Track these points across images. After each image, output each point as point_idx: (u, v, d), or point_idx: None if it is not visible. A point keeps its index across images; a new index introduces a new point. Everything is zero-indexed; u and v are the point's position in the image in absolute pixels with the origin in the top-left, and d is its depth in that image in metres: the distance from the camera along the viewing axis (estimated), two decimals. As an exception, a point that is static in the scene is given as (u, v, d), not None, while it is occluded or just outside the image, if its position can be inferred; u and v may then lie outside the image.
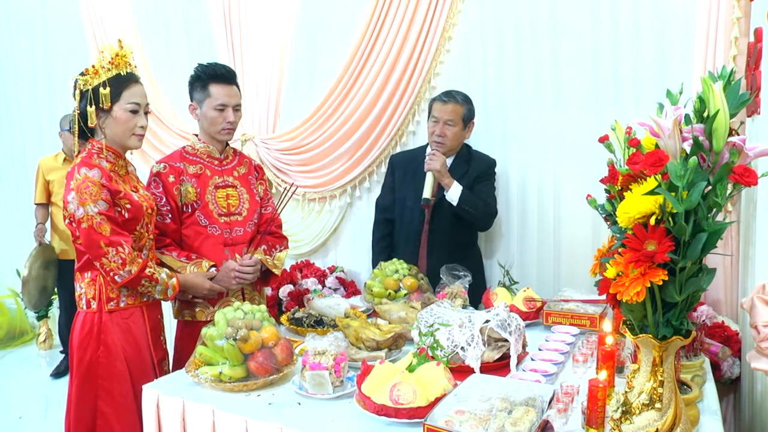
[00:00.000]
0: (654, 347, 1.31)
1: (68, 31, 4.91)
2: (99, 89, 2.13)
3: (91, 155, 2.19)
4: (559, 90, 3.13)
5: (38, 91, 5.28)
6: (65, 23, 4.94)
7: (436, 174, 2.91)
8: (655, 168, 1.23)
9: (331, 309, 2.57)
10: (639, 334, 1.33)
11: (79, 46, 4.78)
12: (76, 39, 4.80)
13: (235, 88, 2.55)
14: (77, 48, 4.80)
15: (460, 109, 3.00)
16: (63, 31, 4.98)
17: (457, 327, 2.01)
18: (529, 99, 3.21)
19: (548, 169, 3.21)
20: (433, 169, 2.90)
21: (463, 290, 2.56)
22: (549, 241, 3.23)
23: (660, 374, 1.31)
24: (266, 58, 3.94)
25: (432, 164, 2.91)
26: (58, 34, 5.04)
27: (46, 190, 4.48)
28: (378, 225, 3.31)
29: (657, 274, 1.21)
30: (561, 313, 2.40)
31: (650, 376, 1.32)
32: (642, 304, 1.29)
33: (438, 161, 2.90)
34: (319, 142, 3.77)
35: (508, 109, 3.27)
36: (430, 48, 3.39)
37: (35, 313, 5.06)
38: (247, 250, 2.56)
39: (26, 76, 5.34)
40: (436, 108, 3.01)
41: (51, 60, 5.14)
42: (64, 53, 4.99)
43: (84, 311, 2.22)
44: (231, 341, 1.88)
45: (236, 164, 2.65)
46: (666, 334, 1.30)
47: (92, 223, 2.09)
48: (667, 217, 1.24)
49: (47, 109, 5.15)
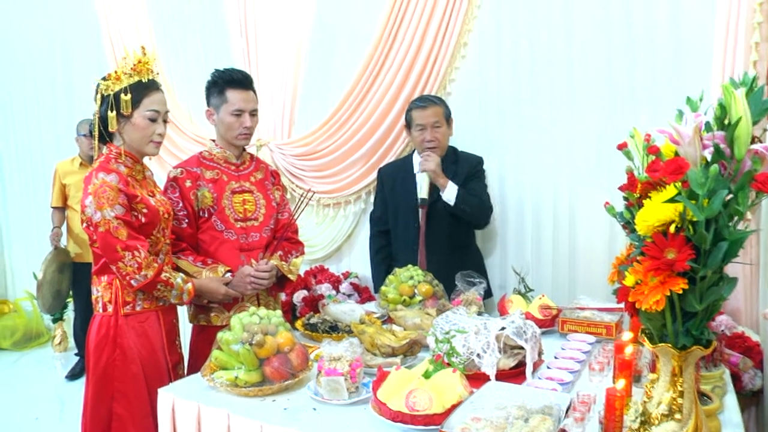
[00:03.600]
0: (673, 357, 1.30)
1: (85, 37, 4.97)
2: (120, 95, 2.15)
3: (109, 160, 2.21)
4: (575, 96, 3.12)
5: (57, 96, 5.34)
6: (83, 29, 4.99)
7: (431, 174, 2.91)
8: (675, 176, 1.22)
9: (345, 315, 2.57)
10: (658, 343, 1.32)
11: (96, 52, 4.83)
12: (94, 45, 4.85)
13: (251, 94, 2.56)
14: (94, 55, 4.85)
15: (440, 109, 3.03)
16: (80, 36, 5.04)
17: (473, 334, 2.00)
18: (545, 105, 3.20)
19: (564, 175, 3.19)
20: (428, 169, 2.90)
21: (478, 297, 2.55)
22: (564, 248, 3.21)
23: (680, 384, 1.30)
24: (281, 63, 3.96)
25: (427, 164, 2.90)
26: (75, 39, 5.10)
27: (62, 194, 4.53)
28: (374, 238, 3.32)
29: (677, 282, 1.20)
30: (577, 320, 2.38)
31: (670, 386, 1.31)
32: (661, 312, 1.28)
33: (433, 161, 2.91)
34: (334, 147, 3.77)
35: (523, 114, 3.26)
36: (446, 54, 3.39)
37: (51, 316, 5.10)
38: (263, 256, 2.57)
39: (45, 81, 5.40)
40: (417, 116, 3.02)
41: (69, 65, 5.20)
42: (81, 59, 5.05)
43: (100, 314, 2.23)
44: (246, 346, 1.89)
45: (253, 170, 2.66)
46: (686, 344, 1.29)
47: (109, 228, 2.11)
48: (687, 225, 1.23)
49: (65, 113, 5.20)
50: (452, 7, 3.34)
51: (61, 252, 4.49)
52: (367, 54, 3.57)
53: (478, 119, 3.36)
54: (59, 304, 4.67)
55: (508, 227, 3.38)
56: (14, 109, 5.71)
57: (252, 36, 4.03)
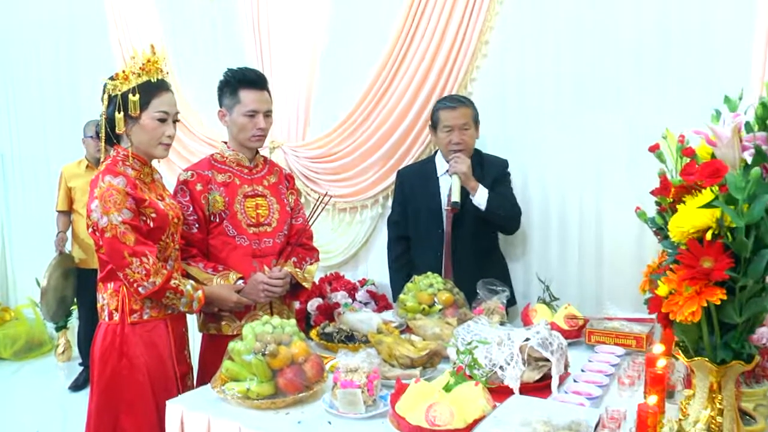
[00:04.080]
0: (711, 372, 1.28)
1: (93, 35, 5.01)
2: (128, 96, 2.16)
3: (116, 162, 2.21)
4: (602, 95, 3.09)
5: (62, 96, 5.38)
6: (90, 28, 5.04)
7: (462, 177, 2.89)
8: (713, 179, 1.20)
9: (362, 324, 2.56)
10: (694, 357, 1.29)
11: (104, 52, 4.86)
12: (102, 44, 4.89)
13: (266, 94, 2.56)
14: (102, 54, 4.88)
15: (469, 111, 3.01)
16: (87, 34, 5.08)
17: (496, 345, 1.99)
18: (571, 105, 3.18)
19: (590, 178, 3.16)
20: (459, 171, 2.88)
21: (500, 306, 2.54)
22: (591, 255, 3.18)
23: (719, 402, 1.27)
24: (296, 62, 3.97)
25: (458, 166, 2.88)
26: (82, 37, 5.14)
27: (68, 198, 4.56)
28: (393, 244, 3.30)
29: (714, 293, 1.18)
30: (605, 331, 2.36)
31: (707, 404, 1.28)
32: (697, 324, 1.26)
33: (464, 163, 2.89)
34: (350, 149, 3.77)
35: (548, 115, 3.24)
36: (467, 52, 3.37)
37: (54, 324, 5.11)
38: (277, 262, 2.57)
39: (50, 80, 5.45)
40: (445, 117, 3.00)
41: (75, 64, 5.24)
42: (88, 59, 5.08)
43: (106, 323, 2.24)
44: (259, 356, 1.88)
45: (266, 173, 2.67)
46: (725, 358, 1.26)
47: (116, 233, 2.11)
48: (725, 232, 1.21)
49: (71, 114, 5.24)
50: (473, 2, 3.32)
51: (66, 257, 4.52)
52: (384, 52, 3.56)
53: (500, 119, 3.34)
54: (63, 311, 4.69)
55: (531, 233, 3.36)
56: (18, 110, 5.77)
57: (265, 34, 4.04)
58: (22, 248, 5.89)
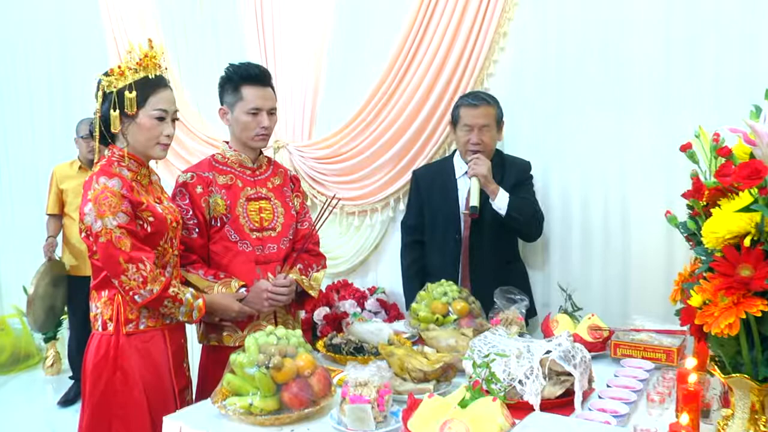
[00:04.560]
0: (752, 390, 1.25)
1: (86, 30, 5.02)
2: (124, 92, 2.16)
3: (111, 163, 2.21)
4: (628, 91, 3.07)
5: (53, 93, 5.39)
6: (83, 21, 5.05)
7: (482, 180, 2.88)
8: (751, 181, 1.18)
9: (372, 335, 2.55)
10: (732, 374, 1.27)
11: (97, 46, 4.88)
12: (95, 38, 4.90)
13: (270, 91, 2.56)
14: (96, 48, 4.90)
15: (493, 110, 2.99)
16: (81, 29, 5.09)
17: (515, 358, 1.98)
18: (594, 101, 3.16)
19: (615, 180, 3.15)
20: (479, 173, 2.87)
21: (519, 316, 2.53)
22: (617, 262, 3.16)
23: (762, 423, 1.25)
24: (301, 57, 3.97)
25: (478, 168, 2.87)
26: (75, 32, 5.16)
27: (59, 200, 4.55)
28: (407, 249, 3.29)
29: (754, 303, 1.16)
30: (632, 344, 2.34)
31: (749, 425, 1.26)
32: (735, 338, 1.24)
33: (484, 165, 2.88)
34: (359, 149, 3.77)
35: (570, 112, 3.23)
36: (483, 45, 3.36)
37: (42, 335, 5.09)
38: (281, 269, 2.56)
39: (40, 77, 5.45)
40: (465, 114, 2.99)
41: (67, 60, 5.25)
42: (81, 53, 5.09)
43: (99, 333, 2.23)
44: (263, 369, 1.87)
45: (270, 174, 2.67)
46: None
47: (111, 237, 2.11)
48: (765, 238, 1.19)
49: (62, 112, 5.26)
50: (490, -7, 3.32)
51: (56, 264, 4.50)
52: (395, 46, 3.56)
53: (519, 118, 3.32)
54: (52, 321, 4.67)
55: (552, 238, 3.34)
56: (4, 108, 5.76)
57: (269, 26, 4.05)
58: (9, 254, 5.86)
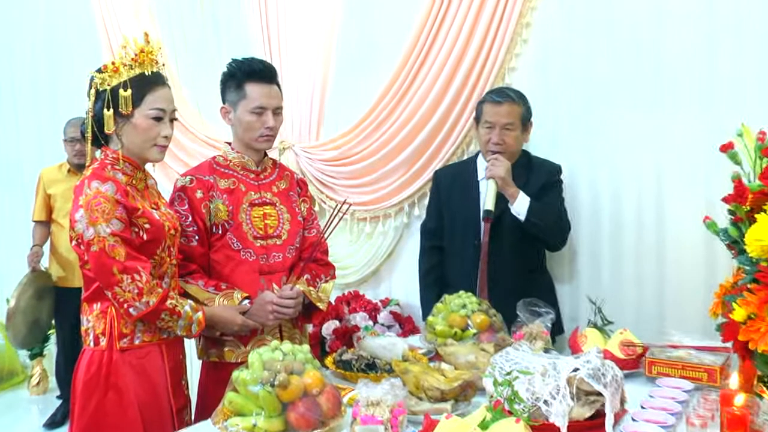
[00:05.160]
0: (802, 412, 1.24)
1: (76, 23, 5.05)
2: (119, 90, 2.16)
3: (105, 166, 2.22)
4: (664, 85, 3.06)
5: (39, 92, 5.40)
6: (73, 13, 5.07)
7: (500, 182, 2.89)
8: (799, 183, 1.17)
9: (385, 350, 2.55)
10: (780, 394, 1.26)
11: (88, 41, 4.90)
12: (86, 32, 4.93)
13: (275, 88, 2.57)
14: (87, 43, 4.92)
15: (518, 109, 2.99)
16: (70, 22, 5.12)
17: (539, 376, 1.97)
18: (625, 97, 3.15)
19: (648, 182, 3.14)
20: (496, 175, 2.88)
21: (544, 330, 2.51)
22: (651, 272, 3.15)
23: (814, 447, 1.23)
24: (309, 52, 3.99)
25: (495, 170, 2.88)
26: (64, 27, 5.17)
27: (46, 206, 4.55)
28: (425, 255, 3.30)
29: (803, 317, 1.14)
30: (668, 361, 2.32)
31: (799, 450, 1.24)
32: (783, 355, 1.22)
33: (502, 166, 2.88)
34: (371, 151, 3.78)
35: (600, 110, 3.22)
36: (504, 38, 3.36)
37: (28, 351, 5.07)
38: (287, 280, 2.57)
39: (25, 74, 5.46)
40: (488, 111, 3.00)
41: (55, 56, 5.26)
42: (71, 48, 5.12)
43: (91, 349, 2.23)
44: (267, 387, 1.87)
45: (276, 178, 2.67)
46: (818, 396, 1.23)
47: (104, 246, 2.11)
48: (815, 246, 1.18)
49: (50, 112, 5.28)
50: (511, -20, 3.32)
51: (41, 275, 4.49)
52: (409, 39, 3.57)
53: (543, 116, 3.30)
54: (36, 337, 4.66)
55: (580, 246, 3.34)
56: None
57: (273, 20, 4.07)
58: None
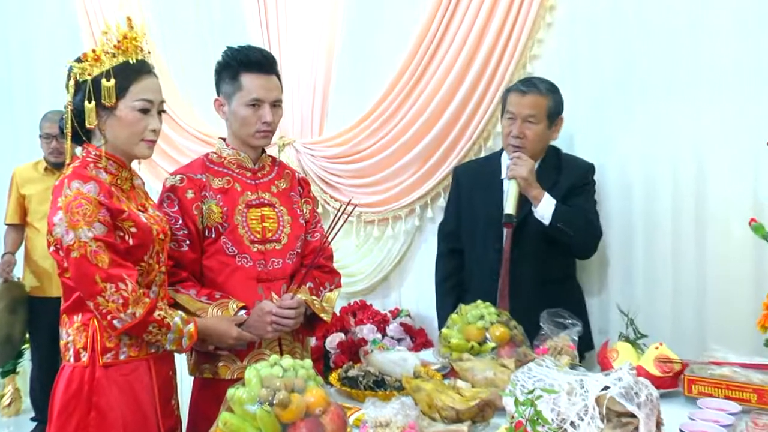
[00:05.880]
0: None
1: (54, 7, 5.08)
2: (101, 81, 2.16)
3: (86, 165, 2.22)
4: (706, 74, 3.04)
5: (12, 83, 5.43)
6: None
7: (522, 183, 2.88)
8: None
9: (395, 366, 2.55)
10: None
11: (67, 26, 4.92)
12: (64, 17, 4.95)
13: (274, 79, 2.57)
14: (64, 29, 4.94)
15: (544, 100, 2.98)
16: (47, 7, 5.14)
17: (565, 394, 1.96)
18: (661, 88, 3.14)
19: (688, 182, 3.12)
20: (518, 175, 2.88)
21: (570, 344, 2.52)
22: (689, 280, 3.13)
23: None
24: (311, 40, 4.00)
25: (517, 169, 2.88)
26: (40, 11, 5.19)
27: (20, 208, 4.55)
28: (443, 259, 3.32)
29: None
30: (711, 380, 2.30)
31: None
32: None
33: (525, 166, 2.88)
34: (379, 147, 3.79)
35: (632, 102, 3.22)
36: (525, 21, 3.36)
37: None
38: (288, 289, 2.56)
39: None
40: (511, 101, 3.00)
41: (30, 44, 5.29)
42: (47, 35, 5.14)
43: (71, 365, 2.22)
44: (266, 407, 1.86)
45: (275, 177, 2.68)
46: None
47: (86, 252, 2.11)
48: None
49: (24, 105, 5.30)
50: (533, -42, 3.32)
51: (13, 287, 4.47)
52: (421, 24, 3.57)
53: (569, 109, 3.28)
54: (8, 354, 4.64)
55: (610, 252, 3.34)
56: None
57: (272, 5, 4.08)
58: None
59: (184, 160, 3.48)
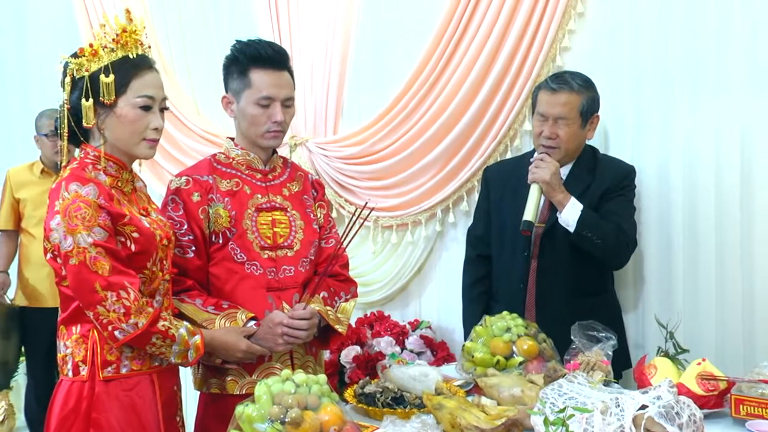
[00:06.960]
0: None
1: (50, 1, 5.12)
2: (99, 77, 2.17)
3: (85, 166, 2.23)
4: (757, 65, 3.02)
5: (6, 81, 5.47)
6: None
7: (545, 187, 2.89)
8: None
9: (415, 382, 2.55)
10: None
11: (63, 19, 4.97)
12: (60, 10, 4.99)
13: (286, 75, 2.57)
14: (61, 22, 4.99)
15: (577, 99, 2.97)
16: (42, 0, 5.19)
17: (599, 414, 1.95)
18: (706, 81, 3.13)
19: (733, 183, 3.11)
20: (539, 180, 2.88)
21: (604, 359, 2.52)
22: (735, 291, 3.12)
23: None
24: (325, 34, 4.01)
25: (539, 173, 2.88)
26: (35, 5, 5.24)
27: (15, 212, 4.55)
28: (471, 264, 3.32)
29: None
30: (761, 400, 2.28)
31: None
32: None
33: (547, 169, 2.88)
34: (397, 147, 3.79)
35: (671, 97, 3.21)
36: (555, 11, 3.37)
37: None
38: (300, 298, 2.56)
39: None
40: (542, 99, 3.00)
41: (25, 37, 5.33)
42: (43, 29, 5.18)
43: (69, 380, 2.23)
44: (277, 425, 1.87)
45: (287, 179, 2.68)
46: None
47: (85, 258, 2.12)
48: None
49: (19, 105, 5.33)
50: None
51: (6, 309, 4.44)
52: (442, 15, 3.58)
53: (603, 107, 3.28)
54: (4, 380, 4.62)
55: (647, 260, 3.33)
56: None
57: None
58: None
59: (189, 162, 3.50)
